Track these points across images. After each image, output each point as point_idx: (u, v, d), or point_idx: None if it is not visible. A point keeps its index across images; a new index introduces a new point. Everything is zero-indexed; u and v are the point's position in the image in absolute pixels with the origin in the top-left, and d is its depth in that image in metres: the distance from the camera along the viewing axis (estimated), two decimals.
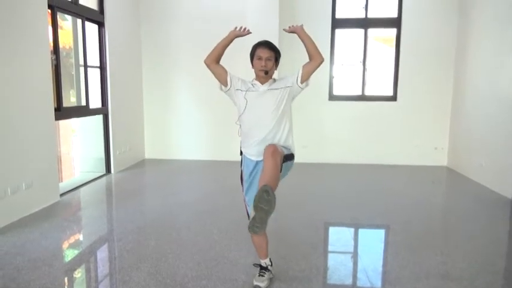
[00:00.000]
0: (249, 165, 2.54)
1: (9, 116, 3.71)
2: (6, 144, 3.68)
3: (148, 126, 7.01)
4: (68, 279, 2.80)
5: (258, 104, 2.51)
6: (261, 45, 2.53)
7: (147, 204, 4.72)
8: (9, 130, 3.72)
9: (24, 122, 3.91)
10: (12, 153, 3.76)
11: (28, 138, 3.97)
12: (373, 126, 6.67)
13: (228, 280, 2.68)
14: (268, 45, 2.54)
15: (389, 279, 2.79)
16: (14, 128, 3.78)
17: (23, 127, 3.90)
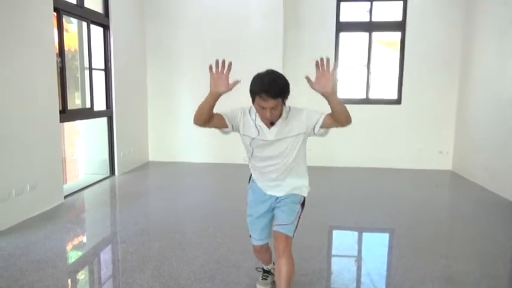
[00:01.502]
0: (255, 191, 2.33)
1: (14, 117, 3.73)
2: (11, 145, 3.70)
3: (153, 128, 7.03)
4: (71, 280, 2.80)
5: (266, 153, 2.18)
6: (262, 93, 1.92)
7: (151, 206, 4.72)
8: (14, 132, 3.74)
9: (29, 123, 3.93)
10: (17, 154, 3.77)
11: (33, 140, 3.99)
12: (377, 129, 6.65)
13: (231, 283, 2.67)
14: (272, 93, 1.93)
15: (393, 283, 2.77)
16: (19, 129, 3.80)
17: (28, 129, 3.92)
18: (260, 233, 2.30)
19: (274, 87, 1.93)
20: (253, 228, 2.31)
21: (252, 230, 2.32)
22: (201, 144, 6.96)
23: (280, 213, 2.19)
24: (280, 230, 2.15)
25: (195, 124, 2.11)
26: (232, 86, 1.97)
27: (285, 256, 2.11)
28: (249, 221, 2.34)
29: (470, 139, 5.98)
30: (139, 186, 5.57)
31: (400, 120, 6.60)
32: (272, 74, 1.98)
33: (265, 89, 1.91)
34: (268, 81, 1.92)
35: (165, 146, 7.06)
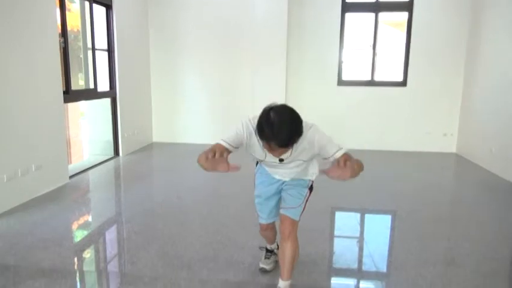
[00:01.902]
0: (263, 173, 2.29)
1: (18, 98, 3.73)
2: (16, 126, 3.71)
3: (156, 109, 7.01)
4: (77, 259, 2.85)
5: (274, 167, 2.14)
6: (271, 142, 1.71)
7: (155, 187, 4.76)
8: (19, 112, 3.74)
9: (33, 104, 3.93)
10: (22, 135, 3.79)
11: (37, 121, 4.00)
12: (382, 111, 6.61)
13: (234, 262, 2.70)
14: (284, 145, 1.73)
15: (395, 264, 2.80)
16: (24, 110, 3.80)
17: (32, 109, 3.92)
18: (268, 214, 2.32)
19: (286, 139, 1.69)
20: (262, 209, 2.32)
21: (260, 210, 2.34)
22: (206, 125, 6.96)
23: (288, 196, 2.19)
24: (286, 214, 2.15)
25: None
26: (232, 169, 1.74)
27: (291, 240, 2.12)
28: (257, 202, 2.34)
29: (475, 121, 5.93)
30: (144, 167, 5.60)
31: (405, 102, 6.54)
32: (284, 121, 1.68)
33: (275, 140, 1.68)
34: (278, 132, 1.66)
35: (168, 127, 7.06)
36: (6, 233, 3.15)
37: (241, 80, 6.66)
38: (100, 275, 2.65)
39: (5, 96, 3.57)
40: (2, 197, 3.56)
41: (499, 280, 2.58)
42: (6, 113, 3.58)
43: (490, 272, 2.66)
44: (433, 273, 2.62)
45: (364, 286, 2.58)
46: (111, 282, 2.58)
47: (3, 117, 3.56)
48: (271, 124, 1.66)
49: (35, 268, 2.59)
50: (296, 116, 1.74)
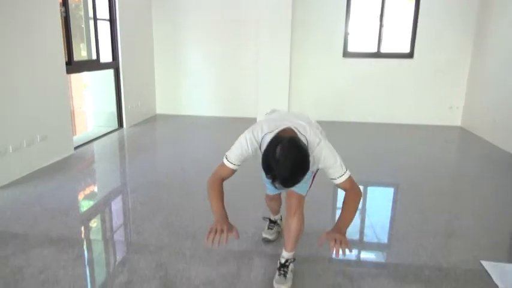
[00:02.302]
0: None
1: (21, 69, 3.70)
2: (20, 97, 3.71)
3: (160, 81, 6.97)
4: (84, 228, 2.91)
5: None
6: (276, 182, 1.62)
7: (159, 158, 4.79)
8: (22, 83, 3.73)
9: (36, 75, 3.91)
10: (26, 106, 3.79)
11: (41, 92, 3.99)
12: (388, 84, 6.53)
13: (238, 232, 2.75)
14: (289, 186, 1.70)
15: (396, 235, 2.84)
16: (27, 81, 3.79)
17: (36, 80, 3.91)
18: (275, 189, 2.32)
19: (291, 181, 1.61)
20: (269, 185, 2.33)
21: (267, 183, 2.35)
22: (209, 97, 6.93)
23: (294, 188, 2.18)
24: (293, 189, 2.14)
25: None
26: (233, 232, 1.77)
27: (297, 215, 2.13)
28: (264, 181, 2.35)
29: (481, 95, 5.86)
30: (148, 139, 5.63)
31: (411, 74, 6.45)
32: (290, 161, 1.55)
33: (279, 179, 1.59)
34: (284, 173, 1.56)
35: (172, 99, 7.04)
36: (13, 202, 3.20)
37: (245, 52, 6.57)
38: (107, 244, 2.71)
39: (8, 68, 3.55)
40: (9, 167, 3.60)
41: (498, 252, 2.62)
42: (9, 84, 3.57)
43: (490, 244, 2.69)
44: (433, 244, 2.66)
45: (365, 256, 2.63)
46: (118, 250, 2.64)
47: (7, 89, 3.55)
48: (277, 162, 1.55)
49: (43, 236, 2.65)
50: (303, 155, 1.59)
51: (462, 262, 2.45)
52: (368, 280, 2.23)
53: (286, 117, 1.98)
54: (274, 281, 2.14)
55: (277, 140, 1.61)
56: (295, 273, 2.23)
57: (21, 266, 2.29)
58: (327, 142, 1.82)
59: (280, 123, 1.82)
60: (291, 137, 1.62)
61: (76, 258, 2.41)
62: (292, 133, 1.73)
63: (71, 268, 2.29)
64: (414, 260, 2.46)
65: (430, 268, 2.37)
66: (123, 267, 2.35)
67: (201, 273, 2.27)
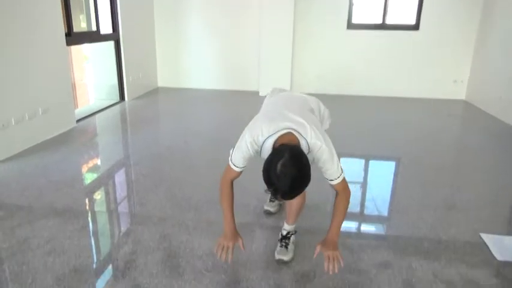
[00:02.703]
0: None
1: (21, 41, 3.65)
2: (20, 70, 3.68)
3: (161, 53, 6.88)
4: (88, 200, 2.94)
5: None
6: (277, 193, 1.63)
7: (161, 131, 4.79)
8: (22, 55, 3.69)
9: (36, 47, 3.86)
10: (27, 78, 3.77)
11: (41, 64, 3.95)
12: (392, 56, 6.44)
13: (240, 205, 2.76)
14: (289, 199, 1.75)
15: (396, 208, 2.87)
16: (27, 53, 3.75)
17: (36, 52, 3.86)
18: None
19: (292, 196, 1.67)
20: None
21: None
22: (211, 70, 6.86)
23: None
24: None
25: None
26: (239, 244, 1.95)
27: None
28: None
29: (487, 69, 5.78)
30: (150, 112, 5.61)
31: (416, 46, 6.34)
32: (289, 180, 1.57)
33: (280, 193, 1.62)
34: (284, 189, 1.59)
35: (174, 71, 6.97)
36: (18, 175, 3.23)
37: (248, 24, 6.45)
38: (111, 215, 2.75)
39: (7, 40, 3.50)
40: (12, 140, 3.62)
41: (498, 225, 2.65)
42: (9, 56, 3.54)
43: (489, 217, 2.72)
44: (433, 217, 2.69)
45: (365, 229, 2.66)
46: (122, 222, 2.68)
47: (7, 61, 3.52)
48: (278, 178, 1.57)
49: (47, 208, 2.69)
50: (304, 171, 1.60)
51: (462, 234, 2.48)
52: (368, 252, 2.27)
53: (286, 111, 1.87)
54: (276, 252, 2.18)
55: (278, 156, 1.60)
56: (297, 245, 2.27)
57: (28, 237, 2.34)
58: (327, 142, 1.79)
59: (280, 123, 1.76)
60: (292, 152, 1.61)
61: (81, 229, 2.45)
62: (293, 139, 1.72)
63: (76, 239, 2.34)
64: (414, 233, 2.50)
65: (430, 240, 2.41)
66: (127, 238, 2.40)
67: (203, 244, 2.31)
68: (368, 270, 2.11)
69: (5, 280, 1.98)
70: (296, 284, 1.99)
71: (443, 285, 1.99)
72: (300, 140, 1.73)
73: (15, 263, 2.10)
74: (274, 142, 1.74)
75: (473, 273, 2.09)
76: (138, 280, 1.99)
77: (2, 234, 2.38)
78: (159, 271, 2.06)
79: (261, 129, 1.78)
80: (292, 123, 1.76)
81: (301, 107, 1.99)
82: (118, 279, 2.00)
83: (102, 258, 2.23)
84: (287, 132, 1.73)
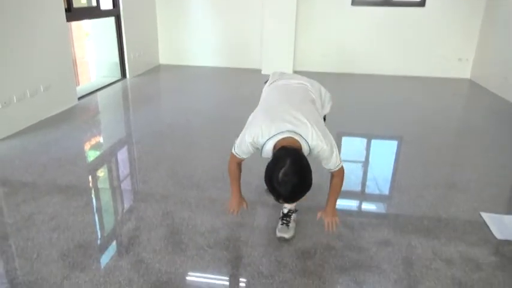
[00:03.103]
0: None
1: (20, 17, 3.61)
2: (20, 46, 3.64)
3: (162, 30, 6.79)
4: (91, 177, 2.97)
5: None
6: (280, 198, 1.68)
7: (163, 109, 4.78)
8: (22, 32, 3.65)
9: (35, 24, 3.81)
10: (27, 55, 3.74)
11: (41, 41, 3.91)
12: (398, 34, 6.33)
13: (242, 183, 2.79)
14: (290, 203, 2.00)
15: (397, 187, 2.88)
16: (26, 30, 3.70)
17: (35, 29, 3.82)
18: None
19: (293, 200, 1.74)
20: None
21: None
22: (213, 47, 6.78)
23: None
24: None
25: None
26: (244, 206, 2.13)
27: None
28: None
29: (493, 47, 5.68)
30: (151, 89, 5.58)
31: (422, 24, 6.22)
32: (291, 187, 1.61)
33: (282, 200, 1.70)
34: (285, 195, 1.64)
35: (175, 48, 6.89)
36: (21, 152, 3.25)
37: (251, 1, 6.32)
38: (114, 192, 2.78)
39: (6, 17, 3.45)
40: (15, 117, 3.62)
41: (498, 204, 2.66)
42: (9, 33, 3.50)
43: (490, 197, 2.73)
44: (434, 195, 2.71)
45: (366, 207, 2.68)
46: (125, 198, 2.71)
47: (7, 38, 3.48)
48: (279, 184, 1.62)
49: (51, 185, 2.71)
50: (306, 179, 1.65)
51: (462, 213, 2.50)
52: (368, 230, 2.30)
53: (287, 107, 1.83)
54: (277, 230, 2.20)
55: (279, 164, 1.62)
56: (298, 223, 2.29)
57: (32, 213, 2.37)
58: (328, 140, 1.78)
59: (281, 124, 1.74)
60: (292, 159, 1.63)
61: (85, 206, 2.48)
62: (294, 142, 1.71)
63: (80, 215, 2.37)
64: (414, 211, 2.52)
65: (430, 219, 2.43)
66: (130, 214, 2.42)
67: (206, 221, 2.34)
68: (368, 247, 2.14)
69: (11, 255, 2.02)
70: (297, 260, 2.03)
71: (443, 263, 2.02)
72: (301, 142, 1.73)
73: (20, 238, 2.14)
74: (275, 144, 1.74)
75: (473, 252, 2.12)
76: (141, 256, 2.02)
77: (7, 210, 2.42)
78: (162, 247, 2.09)
79: (261, 129, 1.76)
80: (293, 124, 1.73)
81: (302, 100, 1.94)
82: (122, 255, 2.03)
83: (106, 235, 2.27)
84: (288, 137, 1.72)
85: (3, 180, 2.79)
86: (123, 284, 1.83)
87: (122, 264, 1.96)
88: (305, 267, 1.98)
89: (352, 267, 1.98)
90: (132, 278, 1.87)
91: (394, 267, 1.99)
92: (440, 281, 1.90)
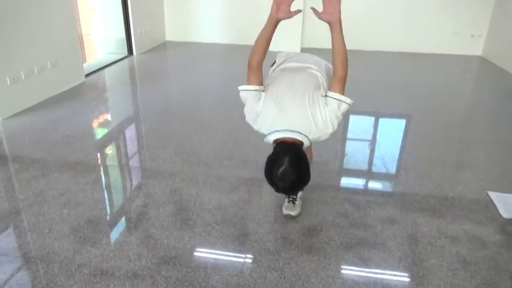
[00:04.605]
0: None
1: None
2: (25, 23, 3.62)
3: (169, 5, 6.69)
4: (100, 154, 3.00)
5: None
6: (278, 191, 1.77)
7: (170, 87, 4.77)
8: (27, 9, 3.62)
9: None
10: (32, 32, 3.72)
11: (47, 16, 3.88)
12: (406, 9, 6.17)
13: (248, 161, 2.82)
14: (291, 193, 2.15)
15: (404, 166, 2.88)
16: (33, 6, 3.67)
17: (41, 4, 3.78)
18: None
19: (293, 193, 1.99)
20: None
21: None
22: (220, 24, 6.68)
23: None
24: None
25: (249, 62, 1.87)
26: (293, 14, 1.81)
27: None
28: None
29: (506, 24, 5.53)
30: (158, 67, 5.56)
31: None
32: (289, 183, 1.68)
33: (282, 192, 1.83)
34: (284, 189, 1.73)
35: (182, 25, 6.81)
36: (30, 128, 3.28)
37: None
38: (122, 169, 2.81)
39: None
40: (23, 94, 3.64)
41: (505, 183, 2.65)
42: (15, 10, 3.47)
43: (497, 175, 2.72)
44: (440, 174, 2.70)
45: (372, 186, 2.69)
46: (133, 175, 2.74)
47: (13, 15, 3.46)
48: (279, 180, 1.68)
49: (61, 162, 2.75)
50: (303, 176, 1.71)
51: (468, 192, 2.50)
52: (374, 207, 2.31)
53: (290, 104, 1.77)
54: (284, 207, 2.22)
55: (279, 161, 1.68)
56: (304, 200, 2.31)
57: (43, 189, 2.41)
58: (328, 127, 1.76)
59: (282, 123, 1.76)
60: (291, 157, 1.68)
61: (94, 182, 2.52)
62: (295, 139, 1.75)
63: (89, 191, 2.41)
64: (421, 190, 2.52)
65: (436, 198, 2.43)
66: (139, 191, 2.46)
67: (213, 198, 2.37)
68: (374, 225, 2.15)
69: (23, 230, 2.07)
70: (303, 237, 2.05)
71: (448, 240, 2.04)
72: (302, 140, 1.76)
73: (32, 213, 2.19)
74: (276, 138, 1.79)
75: (478, 230, 2.13)
76: (150, 231, 2.06)
77: (18, 187, 2.46)
78: (170, 223, 2.13)
79: (261, 127, 1.83)
80: (294, 124, 1.75)
81: (306, 91, 1.82)
82: (131, 231, 2.08)
83: (115, 211, 2.31)
84: (288, 139, 1.76)
85: (14, 157, 2.83)
86: (132, 259, 1.87)
87: (131, 240, 2.00)
88: (311, 244, 2.01)
89: (357, 245, 2.01)
90: (141, 253, 1.91)
91: (399, 244, 2.01)
92: (444, 259, 1.92)
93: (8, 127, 3.30)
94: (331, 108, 1.76)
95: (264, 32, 1.83)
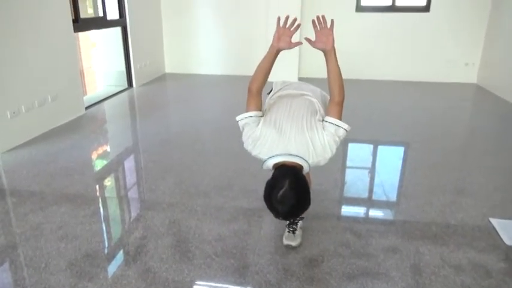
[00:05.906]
0: None
1: (29, 28, 3.66)
2: (28, 57, 3.69)
3: (168, 39, 6.85)
4: (99, 186, 2.98)
5: None
6: (278, 216, 1.75)
7: (170, 118, 4.81)
8: (30, 43, 3.70)
9: (44, 34, 3.87)
10: (35, 66, 3.79)
11: (49, 51, 3.97)
12: (402, 40, 6.32)
13: (248, 191, 2.80)
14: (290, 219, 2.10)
15: (404, 193, 2.86)
16: (35, 40, 3.76)
17: (43, 40, 3.87)
18: None
19: (292, 218, 1.88)
20: None
21: None
22: (219, 55, 6.82)
23: None
24: None
25: (249, 88, 1.89)
26: (293, 45, 1.86)
27: None
28: None
29: (499, 51, 5.65)
30: (158, 98, 5.62)
31: (427, 29, 6.22)
32: (288, 207, 1.66)
33: (281, 218, 1.78)
34: (283, 213, 1.70)
35: (181, 57, 6.95)
36: (29, 161, 3.28)
37: (255, 8, 6.37)
38: (121, 201, 2.79)
39: (15, 28, 3.51)
40: (22, 127, 3.66)
41: (506, 209, 2.63)
42: (17, 44, 3.55)
43: (498, 202, 2.70)
44: (442, 201, 2.68)
45: (373, 214, 2.66)
46: (132, 207, 2.72)
47: (15, 49, 3.53)
48: (278, 203, 1.67)
49: (59, 194, 2.73)
50: (303, 201, 1.70)
51: (470, 219, 2.47)
52: (376, 237, 2.28)
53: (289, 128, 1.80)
54: (284, 238, 2.19)
55: (278, 186, 1.67)
56: (304, 230, 2.28)
57: (40, 223, 2.39)
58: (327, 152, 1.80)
59: (281, 147, 1.77)
60: (291, 181, 1.67)
61: (92, 215, 2.50)
62: (294, 162, 1.76)
63: (88, 224, 2.38)
64: (422, 217, 2.49)
65: (438, 225, 2.40)
66: (137, 223, 2.43)
67: (212, 229, 2.34)
68: (376, 255, 2.12)
69: (19, 264, 2.03)
70: (304, 268, 2.02)
71: (452, 270, 2.00)
72: (302, 164, 1.77)
73: (29, 247, 2.15)
74: (276, 162, 1.79)
75: (482, 258, 2.09)
76: (148, 264, 2.03)
77: (15, 220, 2.44)
78: (169, 256, 2.10)
79: (260, 152, 1.82)
80: (293, 148, 1.76)
81: (303, 116, 1.85)
82: (129, 264, 2.04)
83: (113, 244, 2.27)
84: (287, 162, 1.76)
85: (12, 190, 2.82)
86: None
87: (129, 273, 1.96)
88: (312, 275, 1.97)
89: (360, 275, 1.97)
90: (140, 287, 1.87)
91: (402, 274, 1.97)
92: None
93: (7, 160, 3.30)
94: (328, 133, 1.79)
95: (265, 60, 1.87)
